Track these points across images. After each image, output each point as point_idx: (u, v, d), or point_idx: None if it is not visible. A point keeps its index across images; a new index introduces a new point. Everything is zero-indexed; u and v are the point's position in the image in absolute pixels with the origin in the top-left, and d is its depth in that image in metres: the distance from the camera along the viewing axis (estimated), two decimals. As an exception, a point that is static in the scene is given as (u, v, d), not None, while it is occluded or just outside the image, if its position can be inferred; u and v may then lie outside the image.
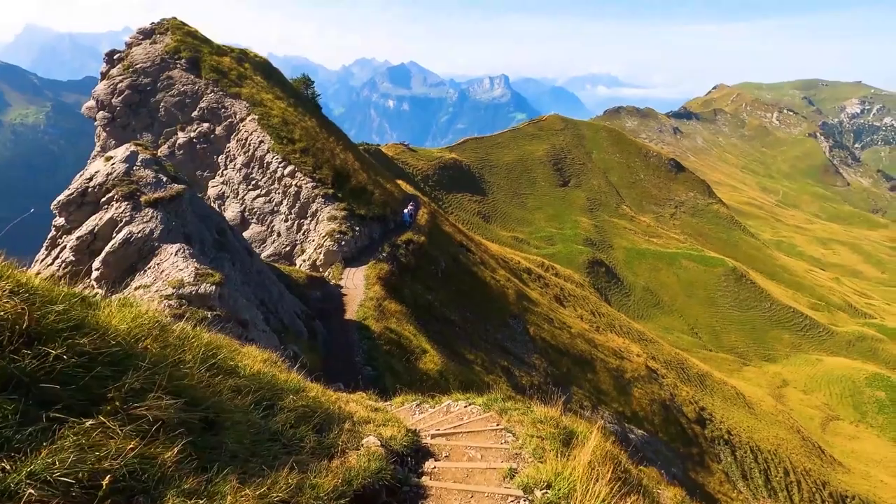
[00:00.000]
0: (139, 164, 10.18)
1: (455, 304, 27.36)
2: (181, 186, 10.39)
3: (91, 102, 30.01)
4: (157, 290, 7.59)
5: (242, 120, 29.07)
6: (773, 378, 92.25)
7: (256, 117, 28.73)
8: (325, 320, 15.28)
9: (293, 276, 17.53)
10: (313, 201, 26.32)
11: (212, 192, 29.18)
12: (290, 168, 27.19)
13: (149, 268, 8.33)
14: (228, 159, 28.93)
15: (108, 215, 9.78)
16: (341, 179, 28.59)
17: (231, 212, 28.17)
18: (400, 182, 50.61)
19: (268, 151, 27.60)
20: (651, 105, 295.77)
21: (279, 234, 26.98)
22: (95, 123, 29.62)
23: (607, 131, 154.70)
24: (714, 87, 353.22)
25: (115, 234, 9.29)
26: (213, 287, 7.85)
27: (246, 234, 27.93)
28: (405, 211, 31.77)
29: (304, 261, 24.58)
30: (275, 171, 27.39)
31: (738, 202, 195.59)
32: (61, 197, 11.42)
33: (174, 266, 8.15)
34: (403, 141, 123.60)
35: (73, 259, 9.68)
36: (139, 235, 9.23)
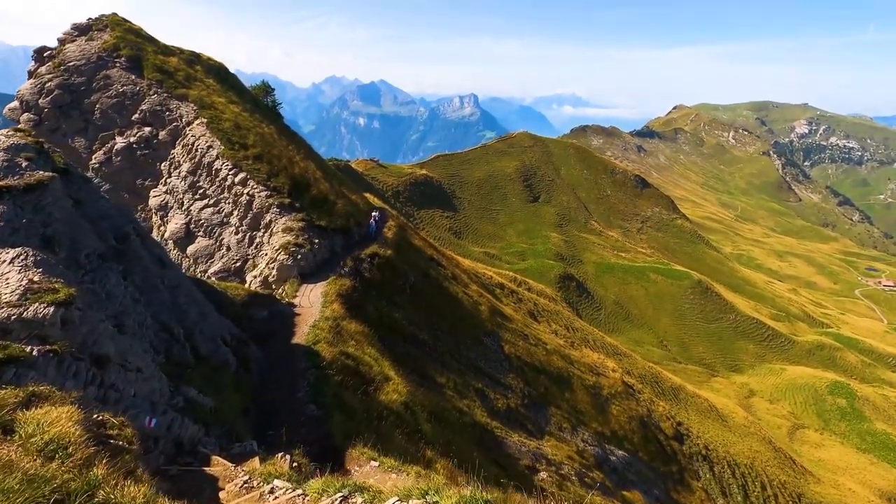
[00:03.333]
0: None
1: (425, 322, 25.25)
2: (47, 174, 8.02)
3: (14, 104, 26.89)
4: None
5: (189, 124, 26.51)
6: (741, 388, 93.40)
7: (205, 121, 26.23)
8: (268, 346, 13.01)
9: (228, 294, 15.14)
10: (267, 211, 23.90)
11: (153, 202, 26.36)
12: (241, 175, 24.75)
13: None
14: (173, 166, 26.24)
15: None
16: (300, 188, 26.28)
17: (175, 223, 25.41)
18: (368, 195, 48.50)
19: (217, 157, 25.10)
20: (614, 124, 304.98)
21: (229, 248, 24.38)
22: (20, 126, 26.42)
23: (575, 149, 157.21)
24: (674, 108, 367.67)
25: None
26: (51, 309, 5.62)
27: (191, 249, 25.19)
28: (370, 221, 29.62)
29: (256, 277, 22.06)
30: (224, 179, 24.88)
31: (700, 217, 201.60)
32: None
33: (7, 280, 5.93)
34: (374, 157, 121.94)
35: None
36: (-42, 235, 6.91)
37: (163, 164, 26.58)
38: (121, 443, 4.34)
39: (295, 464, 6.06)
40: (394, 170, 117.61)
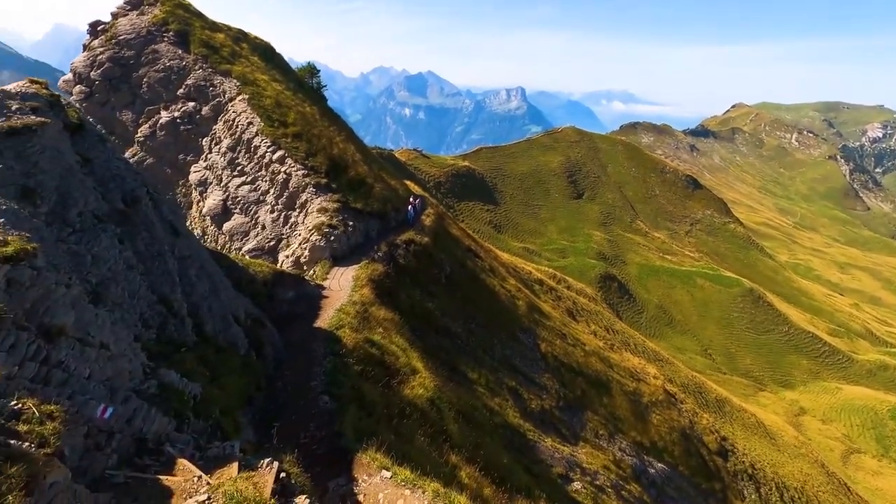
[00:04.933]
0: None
1: (459, 314, 24.16)
2: (37, 120, 7.28)
3: (68, 76, 27.42)
4: None
5: (231, 100, 26.28)
6: (790, 405, 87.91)
7: (247, 97, 25.93)
8: (290, 328, 12.22)
9: (251, 271, 14.44)
10: (303, 191, 23.34)
11: (193, 177, 26.35)
12: (279, 153, 24.28)
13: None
14: (213, 142, 26.11)
15: None
16: (338, 169, 25.61)
17: (213, 200, 25.29)
18: (408, 183, 47.77)
19: (256, 134, 24.73)
20: (667, 122, 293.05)
21: (263, 227, 24.01)
22: (72, 99, 26.95)
23: (623, 145, 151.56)
24: (733, 106, 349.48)
25: None
26: None
27: (227, 226, 25.02)
28: (409, 207, 28.71)
29: (288, 257, 21.55)
30: (262, 156, 24.49)
31: (755, 222, 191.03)
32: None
33: None
34: (417, 147, 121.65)
35: None
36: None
37: (204, 140, 26.50)
38: (27, 444, 3.44)
39: (283, 474, 5.07)
40: (436, 160, 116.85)
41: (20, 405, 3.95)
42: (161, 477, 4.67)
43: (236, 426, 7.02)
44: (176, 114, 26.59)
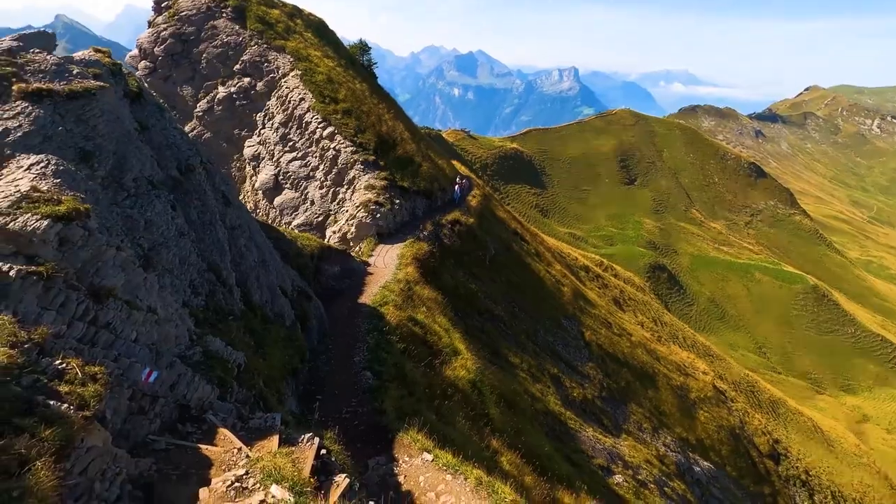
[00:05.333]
0: (56, 52, 7.31)
1: (503, 297, 23.79)
2: (97, 84, 7.38)
3: (134, 52, 28.53)
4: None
5: (285, 76, 26.58)
6: (852, 411, 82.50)
7: (300, 73, 26.14)
8: (334, 303, 12.26)
9: (299, 244, 14.56)
10: (351, 167, 23.42)
11: (248, 152, 26.99)
12: (329, 129, 24.41)
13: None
14: (267, 118, 26.57)
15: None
16: (386, 147, 25.54)
17: (265, 174, 25.84)
18: (455, 163, 47.30)
19: (308, 110, 24.94)
20: (731, 105, 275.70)
21: (312, 202, 24.35)
22: (137, 73, 28.06)
23: (681, 129, 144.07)
24: (806, 89, 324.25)
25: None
26: (44, 222, 4.80)
27: (278, 200, 25.55)
28: (455, 187, 28.37)
29: (335, 232, 21.78)
30: (313, 132, 24.70)
31: (824, 215, 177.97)
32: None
33: (8, 186, 5.25)
34: (465, 128, 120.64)
35: None
36: (-17, 136, 6.36)
37: (258, 115, 27.01)
38: (66, 406, 3.40)
39: (323, 451, 4.95)
40: (484, 142, 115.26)
41: (64, 364, 3.97)
42: (201, 446, 4.66)
43: (279, 397, 7.04)
44: (232, 89, 27.20)
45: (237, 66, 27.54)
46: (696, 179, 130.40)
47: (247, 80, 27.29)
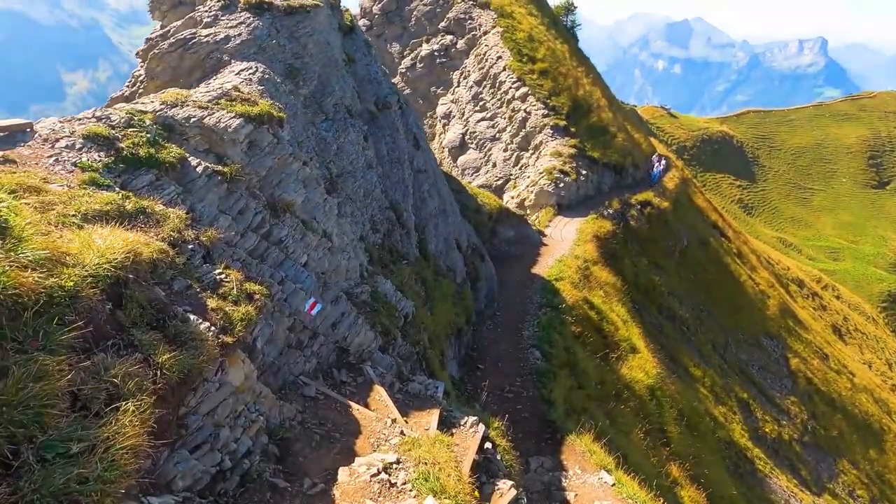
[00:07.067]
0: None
1: (689, 297, 20.55)
2: (316, 2, 7.39)
3: (356, 10, 30.91)
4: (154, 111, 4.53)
5: (486, 33, 26.13)
6: None
7: (501, 30, 25.42)
8: (505, 267, 11.48)
9: (479, 200, 13.98)
10: (539, 131, 22.16)
11: (440, 109, 27.54)
12: (522, 90, 23.38)
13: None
14: (462, 76, 26.61)
15: (191, 13, 7.43)
16: (579, 112, 23.60)
17: (453, 132, 26.12)
18: (654, 140, 42.47)
19: (504, 69, 24.21)
20: None
21: (494, 165, 23.87)
22: (356, 31, 30.48)
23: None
24: None
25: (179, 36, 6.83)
26: (236, 121, 4.55)
27: (462, 159, 25.67)
28: (654, 166, 25.24)
29: (513, 198, 21.01)
30: (506, 92, 23.95)
31: None
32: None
33: (215, 86, 5.27)
34: (665, 105, 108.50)
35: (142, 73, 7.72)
36: (205, 41, 6.59)
37: (455, 73, 27.21)
38: (206, 325, 2.90)
39: (487, 444, 4.10)
40: (685, 121, 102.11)
41: (224, 275, 3.70)
42: (353, 405, 4.20)
43: (442, 360, 6.52)
44: (435, 46, 27.78)
45: (442, 24, 27.95)
46: None
47: (449, 37, 27.57)
